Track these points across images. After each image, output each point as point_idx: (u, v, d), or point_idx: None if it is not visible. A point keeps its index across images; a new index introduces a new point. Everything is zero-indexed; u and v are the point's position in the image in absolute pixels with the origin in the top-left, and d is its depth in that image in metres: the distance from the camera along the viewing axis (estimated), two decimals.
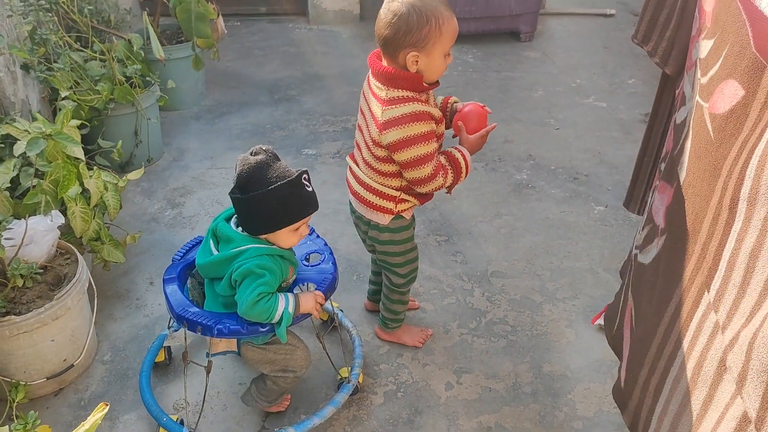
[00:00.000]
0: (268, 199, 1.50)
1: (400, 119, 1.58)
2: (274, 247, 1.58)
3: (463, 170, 1.70)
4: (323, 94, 3.67)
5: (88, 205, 2.05)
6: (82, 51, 2.73)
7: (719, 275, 0.98)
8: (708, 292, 1.02)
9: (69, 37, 2.78)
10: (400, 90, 1.59)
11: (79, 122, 2.23)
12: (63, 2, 2.75)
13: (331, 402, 1.79)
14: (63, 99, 2.44)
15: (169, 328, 1.92)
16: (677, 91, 1.46)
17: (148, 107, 2.85)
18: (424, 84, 1.61)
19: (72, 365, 1.91)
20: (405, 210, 1.77)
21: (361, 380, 1.89)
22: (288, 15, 4.75)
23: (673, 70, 1.55)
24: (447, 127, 1.76)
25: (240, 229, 1.59)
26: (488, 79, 3.84)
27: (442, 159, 1.67)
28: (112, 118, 2.75)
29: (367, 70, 1.71)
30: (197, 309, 1.63)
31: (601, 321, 2.12)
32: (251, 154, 1.53)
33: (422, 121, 1.59)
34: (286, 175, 1.52)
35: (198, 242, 1.83)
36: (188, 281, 1.76)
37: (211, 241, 1.61)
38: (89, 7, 2.84)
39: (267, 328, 1.59)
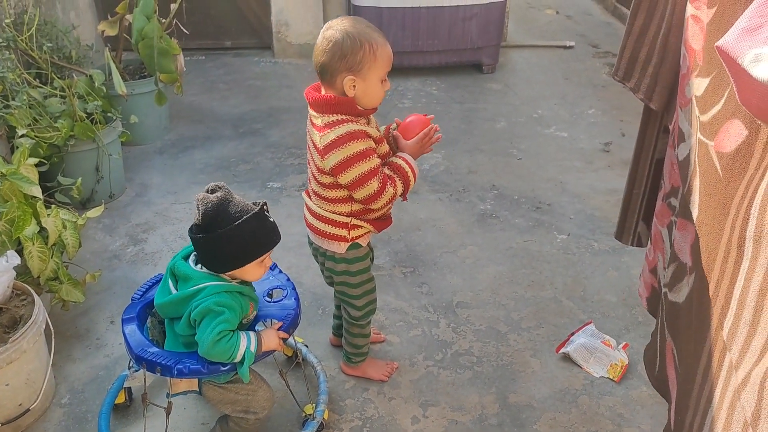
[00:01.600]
0: (236, 235, 1.50)
1: (336, 141, 1.60)
2: (232, 283, 1.57)
3: (410, 174, 1.72)
4: (289, 127, 3.68)
5: (46, 244, 2.02)
6: (41, 88, 2.70)
7: (731, 314, 0.99)
8: (722, 330, 1.02)
9: (28, 74, 2.76)
10: (334, 114, 1.63)
11: (37, 160, 2.20)
12: (21, 40, 2.73)
13: None
14: (21, 137, 2.40)
15: (129, 368, 1.88)
16: (671, 126, 1.49)
17: (110, 143, 2.82)
18: (359, 108, 1.64)
19: (28, 410, 1.86)
20: (360, 236, 1.78)
21: (326, 417, 1.87)
22: (253, 49, 4.78)
23: (658, 106, 1.58)
24: (395, 152, 1.79)
25: (199, 266, 1.58)
26: (452, 110, 3.90)
27: (386, 170, 1.70)
28: (72, 155, 2.72)
29: None
30: (157, 349, 1.60)
31: (564, 350, 2.13)
32: (209, 192, 1.52)
33: (358, 139, 1.61)
34: (249, 208, 1.52)
35: (158, 280, 1.80)
36: (148, 320, 1.73)
37: (170, 281, 1.59)
38: (48, 44, 2.82)
39: (228, 367, 1.57)
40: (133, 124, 3.08)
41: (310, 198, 1.80)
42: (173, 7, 3.32)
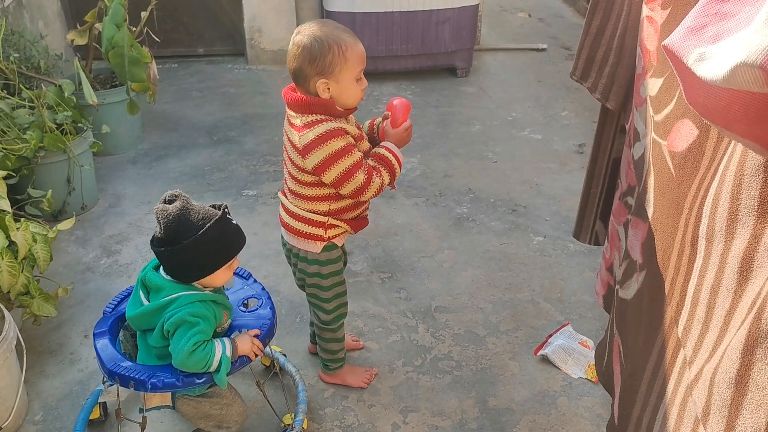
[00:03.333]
0: (202, 243, 1.48)
1: (316, 140, 1.60)
2: (206, 292, 1.56)
3: (394, 164, 1.73)
4: (263, 134, 3.66)
5: (16, 258, 1.98)
6: (9, 99, 2.66)
7: (685, 311, 1.00)
8: (677, 327, 1.03)
9: None
10: (313, 115, 1.63)
11: (5, 173, 2.16)
12: None
13: None
14: None
15: (103, 383, 1.85)
16: (628, 126, 1.50)
17: (81, 154, 2.78)
18: (339, 109, 1.65)
19: (0, 428, 1.82)
20: (336, 236, 1.78)
21: (305, 426, 1.85)
22: (226, 56, 4.75)
23: (614, 105, 1.60)
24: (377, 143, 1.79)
25: (169, 277, 1.56)
26: (427, 114, 3.90)
27: (371, 161, 1.71)
28: (42, 167, 2.67)
29: None
30: (130, 363, 1.58)
31: (543, 352, 2.14)
32: (167, 203, 1.50)
33: (338, 136, 1.61)
34: (211, 214, 1.50)
35: (130, 293, 1.78)
36: (120, 334, 1.70)
37: (141, 292, 1.57)
38: (16, 54, 2.77)
39: (204, 379, 1.55)
40: (105, 134, 3.04)
41: (286, 197, 1.80)
42: (144, 15, 3.28)
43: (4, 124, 2.53)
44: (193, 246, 1.47)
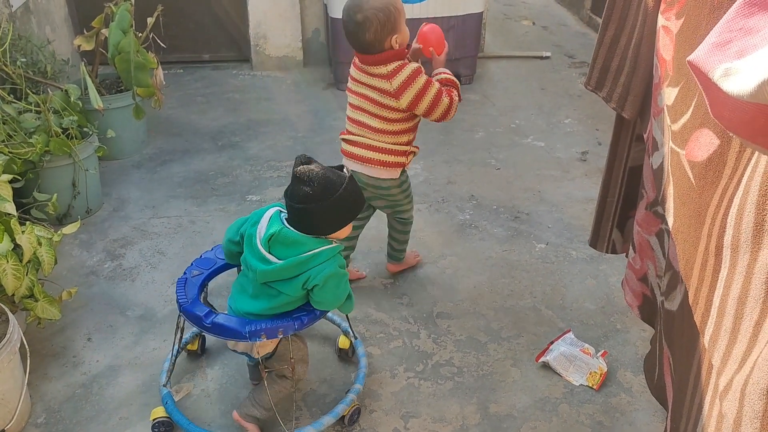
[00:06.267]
0: (345, 198, 1.66)
1: (407, 81, 2.04)
2: (338, 245, 1.72)
3: (454, 79, 2.18)
4: (267, 140, 3.68)
5: (21, 261, 1.99)
6: (15, 103, 2.68)
7: (711, 321, 0.99)
8: (703, 337, 1.03)
9: (2, 89, 2.73)
10: (394, 62, 2.04)
11: (10, 176, 2.18)
12: None
13: (356, 382, 2.01)
14: None
15: (164, 385, 1.95)
16: (645, 136, 1.51)
17: (86, 158, 2.80)
18: (406, 51, 2.09)
19: (3, 430, 1.83)
20: (409, 162, 2.24)
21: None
22: (231, 62, 4.77)
23: (630, 114, 1.60)
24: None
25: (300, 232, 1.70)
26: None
27: (441, 87, 2.11)
28: (48, 171, 2.69)
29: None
30: (256, 320, 1.69)
31: (544, 358, 2.14)
32: (304, 164, 1.64)
33: (420, 73, 2.06)
34: (343, 174, 1.68)
35: (183, 284, 1.84)
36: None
37: (262, 248, 1.66)
38: (23, 59, 2.79)
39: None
40: (110, 139, 3.06)
41: (365, 138, 2.16)
42: (150, 21, 3.31)
43: (10, 128, 2.55)
44: (339, 201, 1.65)
